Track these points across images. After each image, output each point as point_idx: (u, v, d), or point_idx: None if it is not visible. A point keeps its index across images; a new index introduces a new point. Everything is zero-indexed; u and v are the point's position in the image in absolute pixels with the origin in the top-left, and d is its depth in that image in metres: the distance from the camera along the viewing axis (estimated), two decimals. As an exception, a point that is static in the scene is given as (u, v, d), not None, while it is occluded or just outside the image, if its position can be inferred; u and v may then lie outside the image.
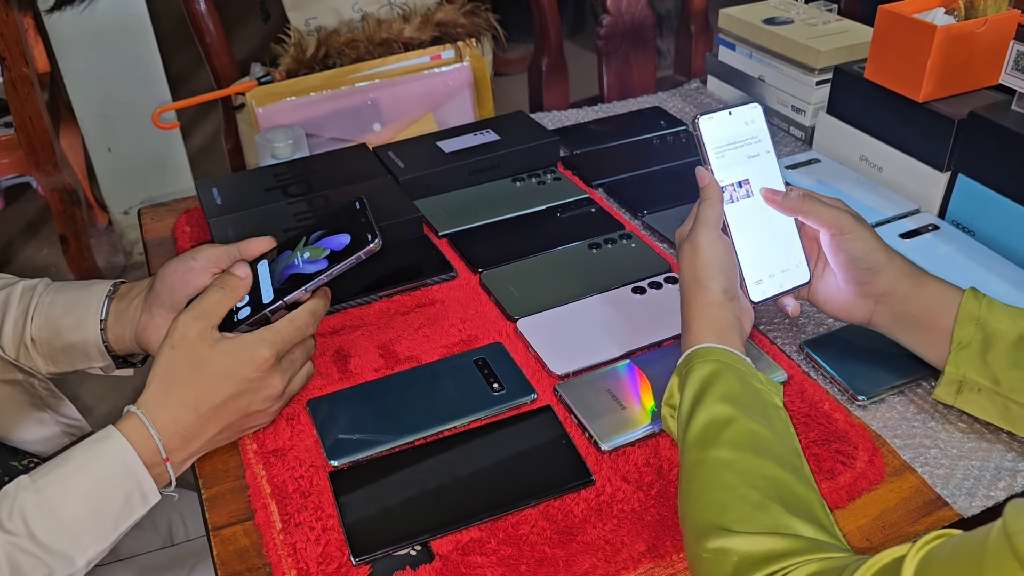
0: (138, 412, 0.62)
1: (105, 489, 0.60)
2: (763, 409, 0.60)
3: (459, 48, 1.30)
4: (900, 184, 0.97)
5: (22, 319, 0.74)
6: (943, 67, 0.90)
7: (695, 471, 0.57)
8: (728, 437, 0.57)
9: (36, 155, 1.70)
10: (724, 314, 0.65)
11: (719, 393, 0.59)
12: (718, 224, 0.68)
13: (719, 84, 1.24)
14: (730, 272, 0.67)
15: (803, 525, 0.52)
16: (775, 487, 0.54)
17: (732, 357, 0.62)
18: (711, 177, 0.68)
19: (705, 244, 0.66)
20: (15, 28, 1.51)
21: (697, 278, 0.66)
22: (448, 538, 0.60)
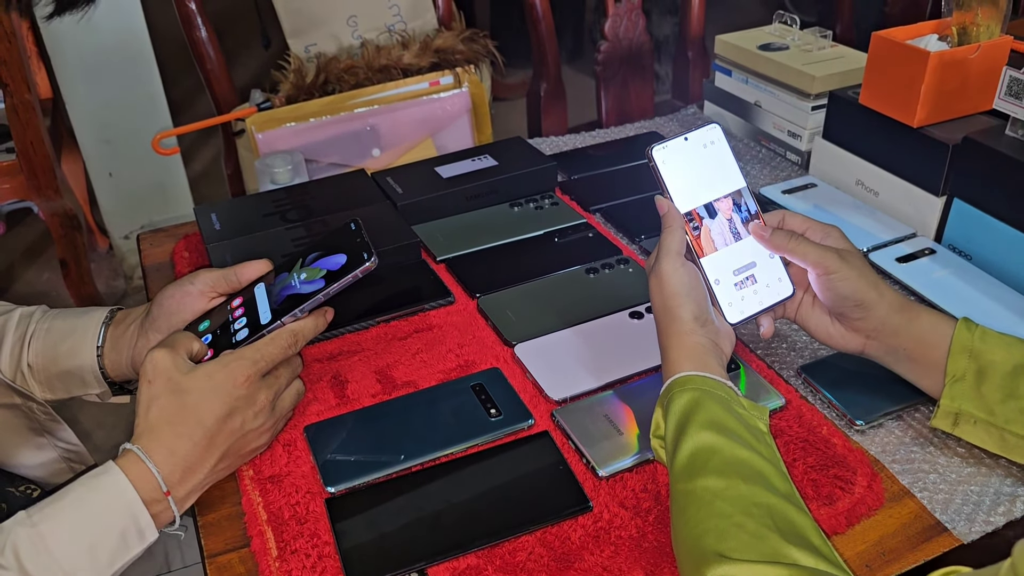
0: (134, 448, 0.61)
1: (100, 525, 0.59)
2: (748, 434, 0.59)
3: (458, 74, 1.31)
4: (896, 208, 0.97)
5: (19, 346, 0.74)
6: (937, 93, 0.91)
7: (686, 501, 0.56)
8: (716, 465, 0.57)
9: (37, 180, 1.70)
10: (698, 340, 0.65)
11: (702, 421, 0.59)
12: (681, 251, 0.68)
13: (716, 109, 1.25)
14: (699, 297, 0.67)
15: (801, 554, 0.51)
16: (770, 514, 0.54)
17: (711, 384, 0.62)
18: (670, 205, 0.69)
19: (669, 273, 0.67)
20: (18, 54, 1.52)
21: (667, 307, 0.67)
22: (445, 565, 0.60)
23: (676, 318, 0.66)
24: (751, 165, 1.13)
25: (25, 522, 0.58)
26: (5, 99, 1.57)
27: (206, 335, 0.70)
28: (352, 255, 0.68)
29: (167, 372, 0.63)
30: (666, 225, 0.69)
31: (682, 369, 0.63)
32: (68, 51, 1.86)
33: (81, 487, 0.60)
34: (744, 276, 0.70)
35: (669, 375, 0.64)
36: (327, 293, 0.67)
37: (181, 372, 0.63)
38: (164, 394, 0.62)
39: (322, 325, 0.70)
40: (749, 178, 1.10)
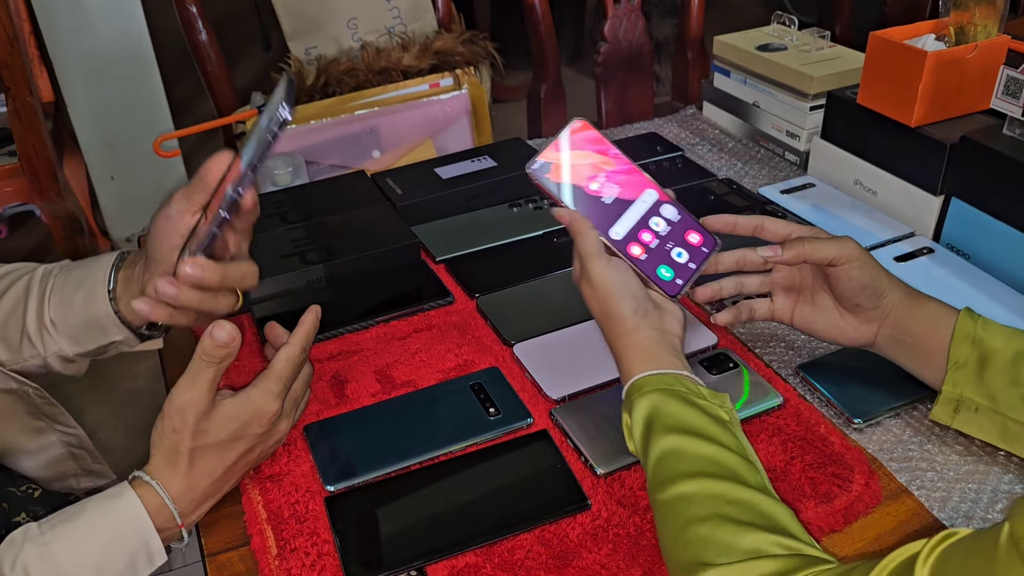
0: (153, 483, 0.60)
1: (111, 549, 0.59)
2: (713, 427, 0.59)
3: (458, 76, 1.32)
4: (894, 208, 0.97)
5: (42, 302, 0.73)
6: (934, 92, 0.91)
7: (664, 512, 0.57)
8: (684, 469, 0.56)
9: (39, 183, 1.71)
10: (643, 334, 0.65)
11: (664, 425, 0.59)
12: (601, 250, 0.67)
13: (714, 110, 1.25)
14: (634, 290, 0.66)
15: (783, 541, 0.52)
16: (745, 509, 0.54)
17: (668, 380, 0.62)
18: (570, 212, 0.69)
19: (599, 274, 0.66)
20: (20, 59, 1.52)
21: (605, 311, 0.66)
22: (444, 563, 0.60)
23: (617, 318, 0.65)
24: (749, 165, 1.13)
25: (37, 539, 0.58)
26: (7, 102, 1.58)
27: None
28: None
29: (195, 425, 0.61)
30: (575, 232, 0.68)
31: (636, 371, 0.63)
32: (70, 54, 1.87)
33: (96, 508, 0.59)
34: (667, 245, 0.69)
35: (626, 380, 0.64)
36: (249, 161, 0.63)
37: (208, 419, 0.61)
38: (187, 442, 0.61)
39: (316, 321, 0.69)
40: (748, 178, 1.10)
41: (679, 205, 0.71)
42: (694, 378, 0.63)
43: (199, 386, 0.60)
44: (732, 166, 1.13)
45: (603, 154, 0.71)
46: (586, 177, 0.69)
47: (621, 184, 0.70)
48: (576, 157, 0.70)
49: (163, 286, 0.61)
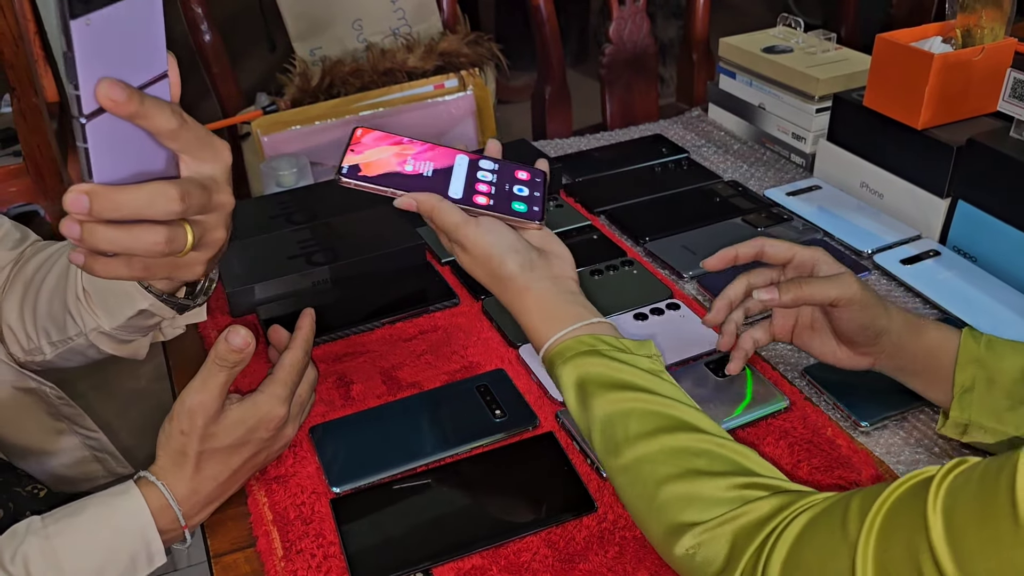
0: (158, 484, 0.60)
1: (113, 547, 0.58)
2: (648, 381, 0.58)
3: (463, 77, 1.32)
4: (901, 210, 0.97)
5: (78, 274, 0.70)
6: (941, 95, 0.91)
7: (626, 478, 0.56)
8: (636, 430, 0.55)
9: (44, 183, 1.71)
10: (539, 289, 0.63)
11: (599, 390, 0.58)
12: (465, 216, 0.65)
13: (720, 112, 1.25)
14: (514, 244, 0.64)
15: (759, 481, 0.52)
16: (712, 459, 0.53)
17: (587, 341, 0.60)
18: (413, 195, 0.65)
19: (471, 240, 0.64)
20: (25, 59, 1.53)
21: (492, 275, 0.64)
22: (450, 565, 0.60)
23: (506, 278, 0.63)
24: (755, 167, 1.13)
25: (39, 532, 0.57)
26: (12, 102, 1.58)
27: None
28: None
29: (204, 429, 0.60)
30: (428, 210, 0.65)
31: (547, 335, 0.62)
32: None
33: (100, 505, 0.59)
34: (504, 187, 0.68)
35: (537, 344, 0.63)
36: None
37: (217, 424, 0.61)
38: (195, 445, 0.61)
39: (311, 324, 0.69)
40: (754, 180, 1.10)
41: (493, 157, 0.71)
42: (609, 325, 0.62)
43: (210, 390, 0.60)
44: (738, 168, 1.13)
45: (399, 143, 0.69)
46: (397, 163, 0.68)
47: (431, 159, 0.69)
48: (376, 153, 0.68)
49: (64, 227, 0.50)
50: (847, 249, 0.93)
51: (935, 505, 0.42)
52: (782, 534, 0.48)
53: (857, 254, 0.93)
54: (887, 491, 0.45)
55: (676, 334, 0.80)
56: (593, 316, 0.62)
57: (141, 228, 0.51)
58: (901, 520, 0.43)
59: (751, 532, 0.49)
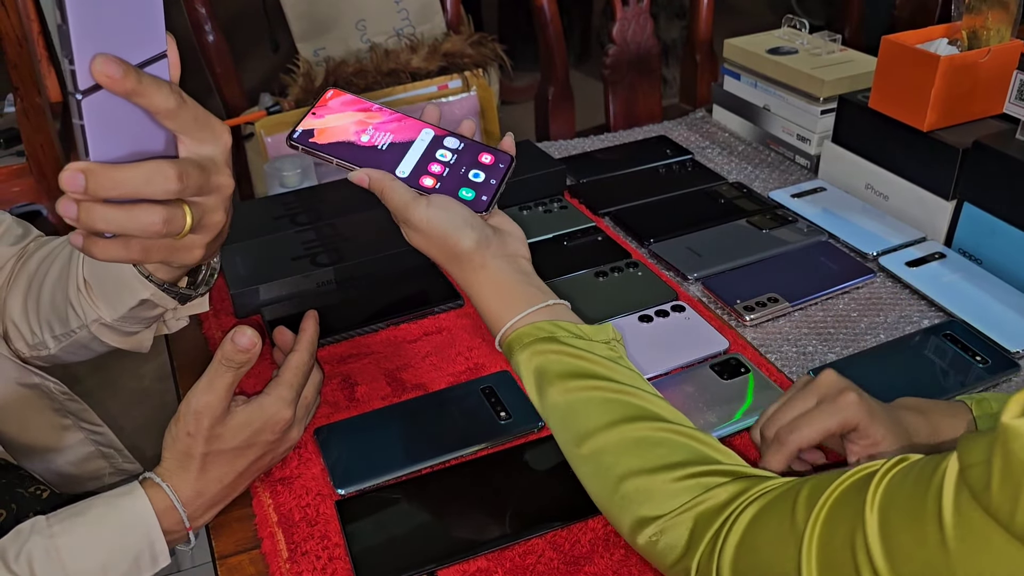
0: (163, 485, 0.60)
1: (117, 547, 0.58)
2: (608, 370, 0.58)
3: (466, 78, 1.32)
4: (906, 212, 0.97)
5: (78, 264, 0.69)
6: (947, 97, 0.91)
7: (588, 468, 0.56)
8: (596, 421, 0.56)
9: (47, 183, 1.71)
10: (494, 268, 0.62)
11: (558, 379, 0.58)
12: (415, 195, 0.64)
13: (724, 113, 1.25)
14: (468, 219, 0.63)
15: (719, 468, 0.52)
16: (672, 449, 0.54)
17: (545, 328, 0.59)
18: (366, 171, 0.64)
19: (423, 219, 0.63)
20: (29, 59, 1.53)
21: (448, 254, 0.63)
22: (455, 568, 0.60)
23: (463, 257, 0.63)
24: (760, 169, 1.13)
25: (44, 531, 0.57)
26: (16, 102, 1.58)
27: None
28: None
29: (210, 430, 0.60)
30: (380, 189, 0.64)
31: (503, 318, 0.61)
32: (78, 55, 1.87)
33: (104, 505, 0.59)
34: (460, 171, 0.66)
35: (494, 326, 0.62)
36: None
37: (223, 425, 0.61)
38: (201, 446, 0.60)
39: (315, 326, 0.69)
40: (758, 182, 1.10)
41: (462, 136, 0.68)
42: (564, 307, 0.62)
43: (216, 391, 0.60)
44: (742, 170, 1.13)
45: (366, 111, 0.68)
46: (354, 132, 0.66)
47: (393, 131, 0.67)
48: (338, 119, 0.67)
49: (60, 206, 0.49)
50: (852, 251, 0.93)
51: (872, 502, 0.43)
52: (737, 519, 0.49)
53: (862, 256, 0.92)
54: (834, 484, 0.46)
55: (681, 336, 0.80)
56: (548, 297, 0.62)
57: (139, 208, 0.50)
58: (843, 514, 0.44)
59: (710, 518, 0.50)
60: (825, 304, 0.85)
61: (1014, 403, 0.37)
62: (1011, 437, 0.36)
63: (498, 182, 0.66)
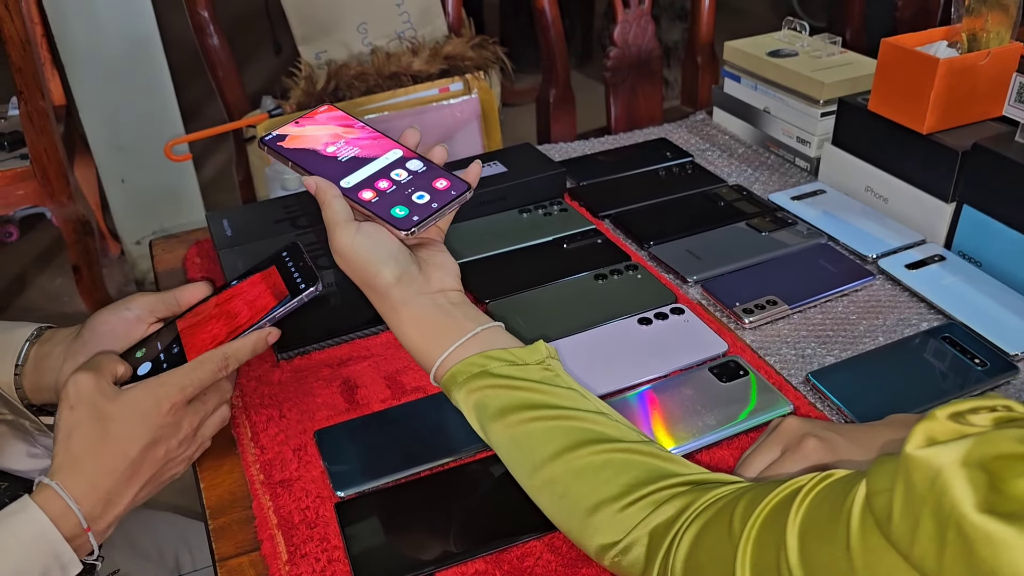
0: (53, 484, 0.57)
1: (22, 567, 0.55)
2: (547, 395, 0.58)
3: (467, 80, 1.32)
4: (906, 215, 0.97)
5: None
6: (946, 99, 0.91)
7: (541, 499, 0.57)
8: (538, 454, 0.56)
9: (51, 186, 1.72)
10: (416, 305, 0.61)
11: (498, 414, 0.58)
12: (348, 218, 0.62)
13: (725, 116, 1.25)
14: (392, 252, 0.62)
15: (669, 483, 0.53)
16: (619, 470, 0.54)
17: (476, 362, 0.59)
18: (317, 181, 0.63)
19: (346, 245, 0.61)
20: (32, 63, 1.53)
21: (367, 284, 0.62)
22: (454, 570, 0.60)
23: (381, 290, 0.62)
24: (760, 171, 1.13)
25: None
26: (20, 106, 1.59)
27: (143, 363, 0.66)
28: (294, 281, 0.68)
29: (91, 398, 0.59)
30: (321, 202, 0.63)
31: (431, 356, 0.61)
32: (81, 58, 1.88)
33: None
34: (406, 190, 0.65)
35: (426, 368, 0.62)
36: (272, 318, 0.66)
37: (106, 398, 0.59)
38: (87, 422, 0.58)
39: (261, 347, 0.66)
40: (758, 184, 1.10)
41: (429, 160, 0.68)
42: (495, 329, 0.61)
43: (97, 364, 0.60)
44: (742, 172, 1.13)
45: (348, 127, 0.68)
46: (323, 143, 0.67)
47: (362, 147, 0.67)
48: (316, 129, 0.68)
49: None
50: (852, 254, 0.93)
51: (794, 522, 0.43)
52: (684, 534, 0.50)
53: (862, 259, 0.92)
54: (764, 500, 0.46)
55: (680, 339, 0.80)
56: (475, 324, 0.61)
57: None
58: (770, 533, 0.45)
59: (662, 533, 0.51)
60: (824, 307, 0.86)
61: (918, 432, 0.37)
62: (913, 467, 0.36)
63: (440, 206, 0.64)
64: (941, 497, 0.34)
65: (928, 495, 0.35)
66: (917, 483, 0.36)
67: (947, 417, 0.38)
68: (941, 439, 0.36)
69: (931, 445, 0.36)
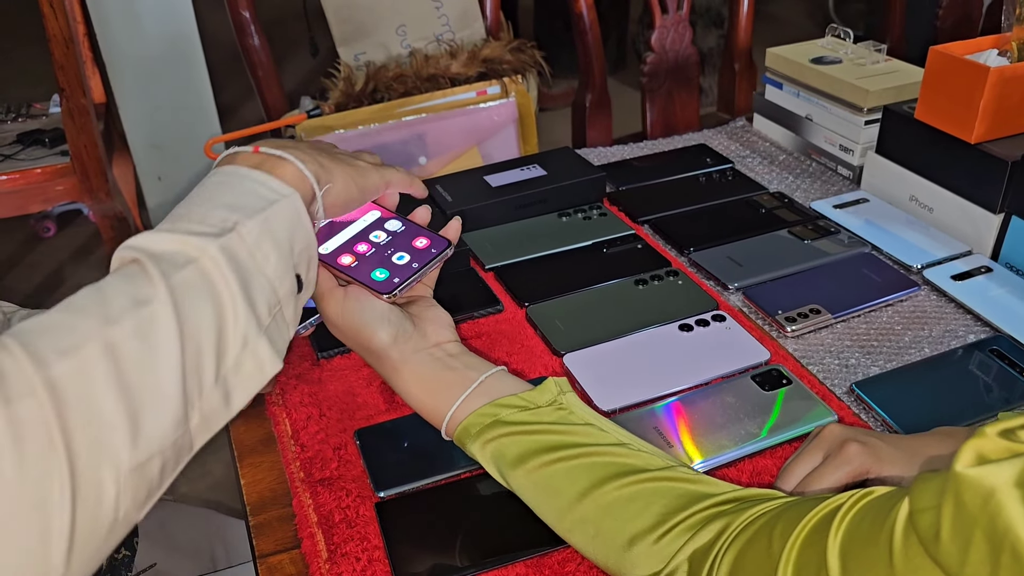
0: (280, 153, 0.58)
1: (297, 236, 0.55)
2: (555, 436, 0.58)
3: (505, 84, 1.32)
4: (952, 225, 0.95)
5: None
6: (996, 108, 0.89)
7: (574, 541, 0.57)
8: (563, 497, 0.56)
9: (89, 183, 1.74)
10: (416, 362, 0.62)
11: (512, 463, 0.58)
12: (332, 288, 0.63)
13: (766, 123, 1.24)
14: (383, 313, 0.62)
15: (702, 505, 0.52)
16: (648, 500, 0.53)
17: (488, 412, 0.59)
18: None
19: (337, 315, 0.62)
20: (75, 60, 1.55)
21: (365, 349, 0.63)
22: (493, 573, 0.60)
23: (379, 353, 0.62)
24: (801, 179, 1.12)
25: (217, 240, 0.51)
26: (61, 103, 1.61)
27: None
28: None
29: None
30: None
31: (439, 411, 0.61)
32: (122, 57, 1.90)
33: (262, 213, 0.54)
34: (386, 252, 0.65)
35: (436, 423, 0.62)
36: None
37: None
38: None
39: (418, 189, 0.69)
40: (799, 192, 1.09)
41: (409, 221, 0.68)
42: (499, 374, 0.62)
43: None
44: (783, 179, 1.12)
45: None
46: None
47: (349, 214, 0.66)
48: None
49: None
50: (896, 264, 0.92)
51: (834, 541, 0.43)
52: (724, 557, 0.49)
53: (906, 269, 0.91)
54: (804, 519, 0.46)
55: (721, 346, 0.79)
56: (478, 372, 0.62)
57: None
58: (811, 553, 0.44)
59: (702, 558, 0.50)
60: (868, 316, 0.84)
61: (967, 450, 0.36)
62: (964, 488, 0.35)
63: (420, 266, 0.64)
64: (995, 518, 0.33)
65: (980, 515, 0.34)
66: (968, 503, 0.35)
67: (998, 434, 0.36)
68: (992, 457, 0.35)
69: (982, 464, 0.35)
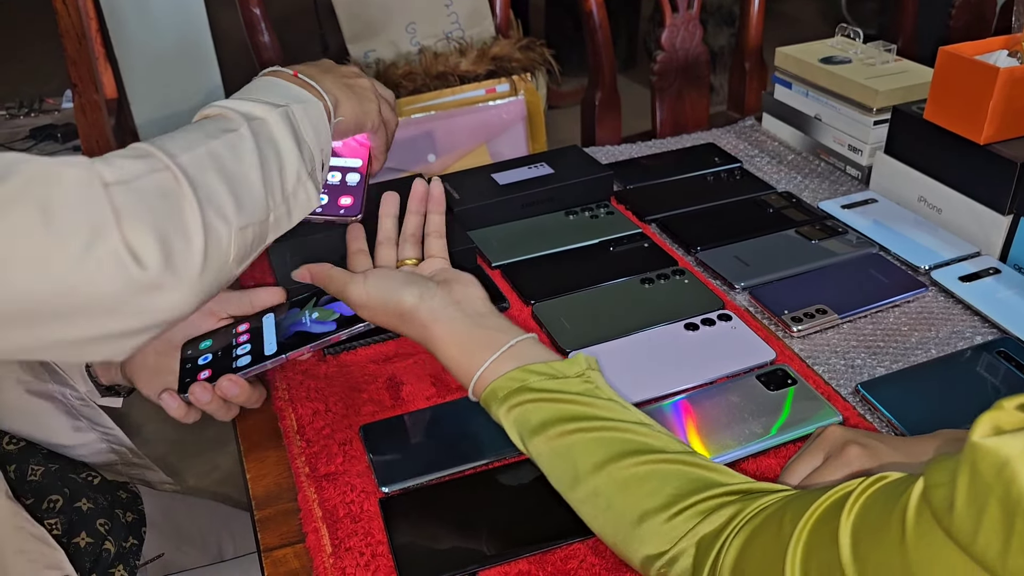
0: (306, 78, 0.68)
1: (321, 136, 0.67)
2: (580, 407, 0.58)
3: (514, 82, 1.32)
4: (960, 226, 0.95)
5: None
6: (1005, 109, 0.89)
7: (585, 512, 0.57)
8: (580, 466, 0.56)
9: (101, 178, 1.75)
10: (446, 319, 0.63)
11: (535, 428, 0.58)
12: (352, 276, 0.68)
13: (775, 122, 1.24)
14: (405, 279, 0.66)
15: (714, 492, 0.52)
16: (660, 480, 0.54)
17: (516, 377, 0.60)
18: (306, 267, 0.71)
19: (364, 295, 0.66)
20: (88, 56, 1.56)
21: (396, 317, 0.65)
22: (496, 569, 0.60)
23: (408, 316, 0.64)
24: (809, 179, 1.12)
25: None
26: (74, 98, 1.62)
27: (206, 354, 0.70)
28: None
29: None
30: (322, 281, 0.69)
31: (469, 371, 0.62)
32: (134, 53, 1.91)
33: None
34: None
35: (464, 382, 0.63)
36: (337, 336, 0.69)
37: None
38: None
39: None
40: (808, 192, 1.09)
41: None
42: (530, 340, 0.62)
43: None
44: (792, 179, 1.12)
45: None
46: None
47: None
48: None
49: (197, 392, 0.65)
50: (903, 264, 0.92)
51: (846, 524, 0.43)
52: (732, 542, 0.49)
53: (914, 270, 0.91)
54: (814, 505, 0.46)
55: (727, 346, 0.79)
56: (509, 336, 0.62)
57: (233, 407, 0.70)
58: (821, 534, 0.44)
59: (710, 543, 0.51)
60: (875, 317, 0.84)
61: (984, 422, 0.36)
62: (979, 456, 0.35)
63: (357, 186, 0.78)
64: (1009, 486, 0.34)
65: (995, 484, 0.34)
66: (983, 472, 0.35)
67: (1015, 407, 0.36)
68: (1008, 428, 0.35)
69: (998, 434, 0.35)
